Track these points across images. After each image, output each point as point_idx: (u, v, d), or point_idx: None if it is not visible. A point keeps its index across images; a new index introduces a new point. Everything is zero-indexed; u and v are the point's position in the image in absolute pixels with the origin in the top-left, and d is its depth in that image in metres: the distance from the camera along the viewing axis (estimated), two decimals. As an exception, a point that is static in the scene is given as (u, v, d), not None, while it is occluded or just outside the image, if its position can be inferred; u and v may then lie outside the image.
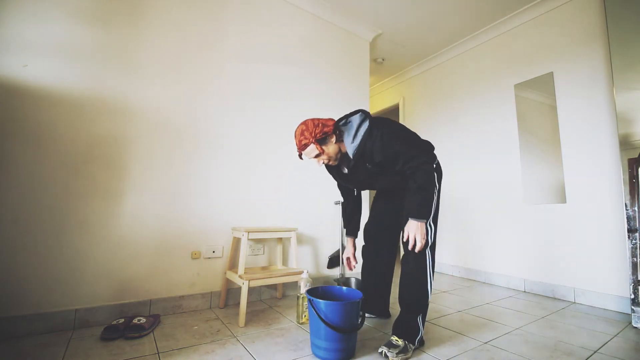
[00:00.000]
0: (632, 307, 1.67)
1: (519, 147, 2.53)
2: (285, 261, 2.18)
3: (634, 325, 1.64)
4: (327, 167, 1.54)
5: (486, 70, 2.83)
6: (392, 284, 1.71)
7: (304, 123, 1.34)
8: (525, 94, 2.53)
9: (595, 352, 1.33)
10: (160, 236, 1.72)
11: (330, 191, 2.46)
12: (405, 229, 1.30)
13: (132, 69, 1.72)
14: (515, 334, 1.51)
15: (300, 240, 2.26)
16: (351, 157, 1.36)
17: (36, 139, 1.45)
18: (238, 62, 2.11)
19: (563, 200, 2.22)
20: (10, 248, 1.36)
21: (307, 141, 1.32)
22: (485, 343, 1.39)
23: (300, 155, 1.41)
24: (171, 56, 1.85)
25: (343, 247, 2.39)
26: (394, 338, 1.26)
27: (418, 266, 1.33)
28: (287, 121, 2.29)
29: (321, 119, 1.36)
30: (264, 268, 2.02)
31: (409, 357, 1.24)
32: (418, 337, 1.30)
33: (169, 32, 1.86)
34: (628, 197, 1.73)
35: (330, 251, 2.42)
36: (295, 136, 1.36)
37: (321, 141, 1.33)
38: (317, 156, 1.36)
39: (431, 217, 1.33)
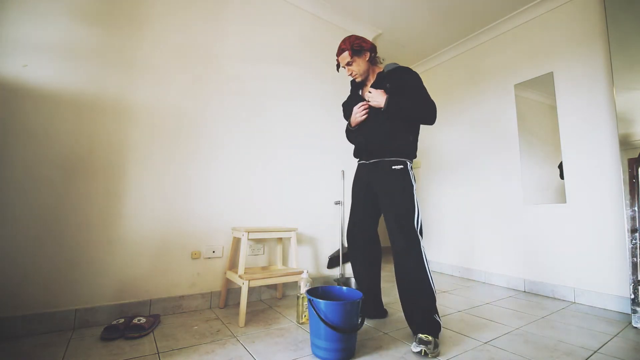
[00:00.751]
0: (632, 307, 1.67)
1: (519, 147, 2.53)
2: (285, 261, 2.18)
3: (634, 325, 1.64)
4: (345, 105, 1.72)
5: (486, 70, 2.83)
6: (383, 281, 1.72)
7: (349, 35, 1.57)
8: (525, 94, 2.53)
9: (595, 352, 1.33)
10: (160, 236, 1.72)
11: (330, 191, 2.46)
12: (374, 91, 1.45)
13: (131, 68, 1.72)
14: (515, 334, 1.51)
15: (300, 240, 2.26)
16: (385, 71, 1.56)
17: (36, 139, 1.45)
18: (238, 62, 2.11)
19: (563, 200, 2.22)
20: (10, 248, 1.36)
21: (344, 47, 1.53)
22: (485, 343, 1.39)
23: (337, 66, 1.61)
24: (171, 56, 1.85)
25: (343, 247, 2.39)
26: (423, 335, 1.26)
27: (417, 266, 1.35)
28: (287, 121, 2.29)
29: (365, 37, 1.60)
30: (264, 268, 2.02)
31: (439, 353, 1.27)
32: (440, 331, 1.35)
33: (168, 32, 1.86)
34: (628, 197, 1.73)
35: (330, 251, 2.42)
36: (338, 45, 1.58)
37: (355, 52, 1.53)
38: (348, 64, 1.55)
39: (416, 214, 1.41)
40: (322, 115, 2.47)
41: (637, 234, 1.68)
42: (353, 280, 2.15)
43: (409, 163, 1.48)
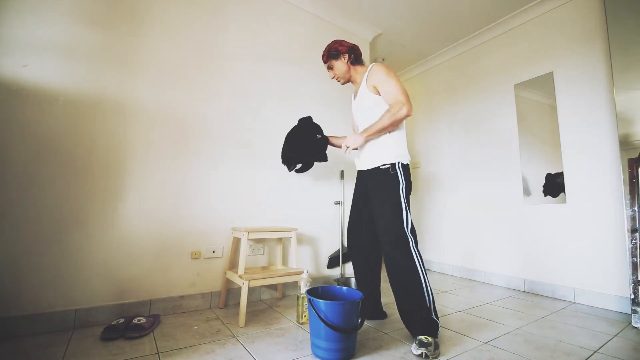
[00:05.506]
0: (632, 307, 1.67)
1: (518, 147, 2.53)
2: (285, 261, 2.18)
3: (634, 325, 1.64)
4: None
5: (486, 70, 2.83)
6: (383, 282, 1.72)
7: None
8: (525, 94, 2.53)
9: (595, 352, 1.33)
10: (160, 236, 1.72)
11: (330, 191, 2.46)
12: (349, 137, 1.47)
13: (132, 69, 1.72)
14: (515, 334, 1.51)
15: (300, 240, 2.26)
16: None
17: (36, 139, 1.45)
18: (238, 62, 2.11)
19: (563, 200, 2.22)
20: (10, 248, 1.36)
21: (323, 53, 1.64)
22: (485, 343, 1.39)
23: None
24: (171, 56, 1.85)
25: (343, 247, 2.39)
26: (423, 337, 1.26)
27: (408, 270, 1.34)
28: (287, 121, 2.29)
29: (344, 41, 1.63)
30: (264, 268, 2.02)
31: (440, 354, 1.27)
32: (439, 330, 1.34)
33: (168, 32, 1.86)
34: (628, 197, 1.73)
35: (330, 251, 2.42)
36: None
37: (332, 56, 1.61)
38: (329, 68, 1.65)
39: (403, 215, 1.38)
40: (323, 115, 2.47)
41: (637, 234, 1.68)
42: (353, 280, 2.15)
43: (397, 163, 1.44)
